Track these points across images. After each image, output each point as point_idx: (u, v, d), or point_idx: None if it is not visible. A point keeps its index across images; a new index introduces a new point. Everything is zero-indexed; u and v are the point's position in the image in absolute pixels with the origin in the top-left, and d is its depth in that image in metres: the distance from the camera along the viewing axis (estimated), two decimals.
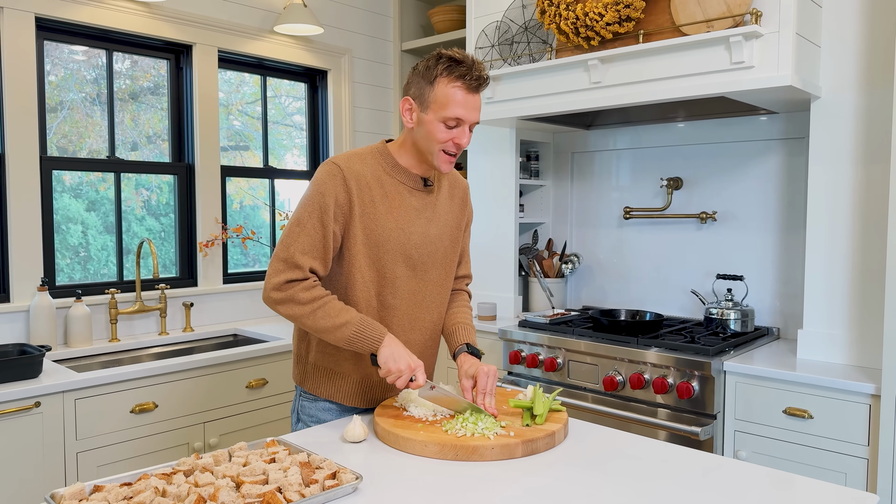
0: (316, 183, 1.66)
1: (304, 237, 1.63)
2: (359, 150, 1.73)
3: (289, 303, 1.62)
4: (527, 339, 2.89)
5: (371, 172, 1.69)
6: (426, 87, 1.63)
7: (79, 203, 2.96)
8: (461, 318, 1.85)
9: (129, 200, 3.11)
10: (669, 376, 2.49)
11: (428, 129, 1.64)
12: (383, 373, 1.59)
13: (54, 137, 2.89)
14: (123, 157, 3.08)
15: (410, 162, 1.73)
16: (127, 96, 3.09)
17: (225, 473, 1.30)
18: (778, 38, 2.22)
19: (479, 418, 1.56)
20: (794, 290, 2.83)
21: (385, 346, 1.59)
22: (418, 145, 1.68)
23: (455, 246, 1.85)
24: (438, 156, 1.66)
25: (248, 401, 2.70)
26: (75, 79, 2.94)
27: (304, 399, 1.80)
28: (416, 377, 1.59)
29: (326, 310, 1.61)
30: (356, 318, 1.61)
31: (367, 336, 1.60)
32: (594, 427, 1.70)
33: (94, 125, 3.00)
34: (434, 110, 1.62)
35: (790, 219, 2.84)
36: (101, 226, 3.03)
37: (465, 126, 1.64)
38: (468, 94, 1.62)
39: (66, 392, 2.23)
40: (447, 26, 3.78)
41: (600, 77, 2.61)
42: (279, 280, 1.62)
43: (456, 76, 1.61)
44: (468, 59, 1.62)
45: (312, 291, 1.62)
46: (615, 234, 3.38)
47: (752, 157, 2.94)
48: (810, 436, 2.25)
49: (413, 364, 1.58)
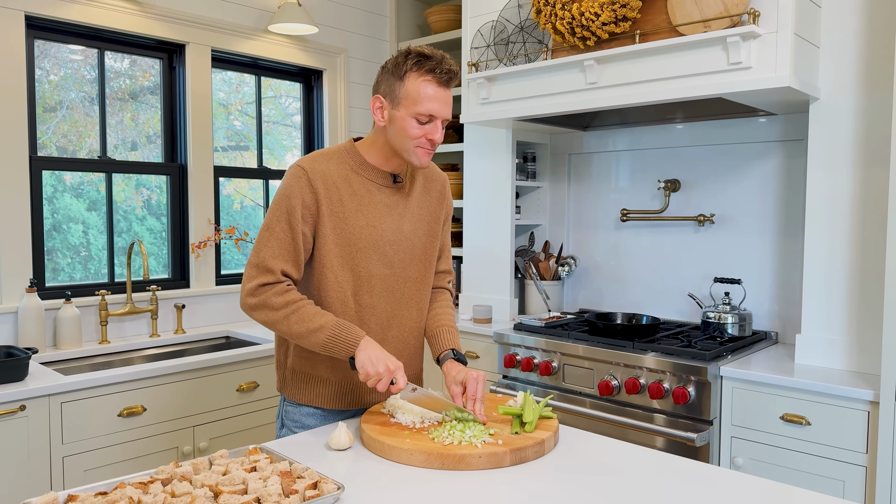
0: (282, 187, 1.65)
1: (274, 241, 1.61)
2: (326, 150, 1.72)
3: (262, 308, 1.60)
4: (522, 342, 2.85)
5: (338, 171, 1.67)
6: (396, 84, 1.62)
7: (80, 203, 2.95)
8: (444, 319, 1.82)
9: (130, 200, 3.09)
10: (665, 381, 2.46)
11: (400, 126, 1.62)
12: (362, 377, 1.56)
13: (53, 137, 2.87)
14: (124, 157, 3.06)
15: (380, 160, 1.71)
16: (127, 96, 3.08)
17: (203, 482, 1.27)
18: (776, 38, 2.18)
19: (466, 426, 1.53)
20: (793, 294, 2.80)
21: (361, 350, 1.56)
22: (392, 143, 1.67)
23: (434, 240, 1.82)
24: (414, 152, 1.64)
25: (238, 404, 2.67)
26: (75, 78, 2.92)
27: (287, 404, 1.76)
28: (397, 380, 1.56)
29: (300, 314, 1.58)
30: (331, 322, 1.58)
31: (342, 340, 1.57)
32: (586, 435, 1.66)
33: (93, 124, 2.98)
34: (406, 106, 1.61)
35: (789, 222, 2.80)
36: (101, 225, 3.02)
37: (437, 121, 1.63)
38: (439, 88, 1.61)
39: (51, 395, 2.20)
40: (444, 26, 3.75)
41: (596, 78, 2.57)
42: (252, 285, 1.60)
43: (426, 70, 1.59)
44: (437, 54, 1.62)
45: (286, 296, 1.60)
46: (612, 237, 3.34)
47: (750, 160, 2.90)
48: (808, 443, 2.22)
49: (392, 366, 1.55)
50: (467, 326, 3.17)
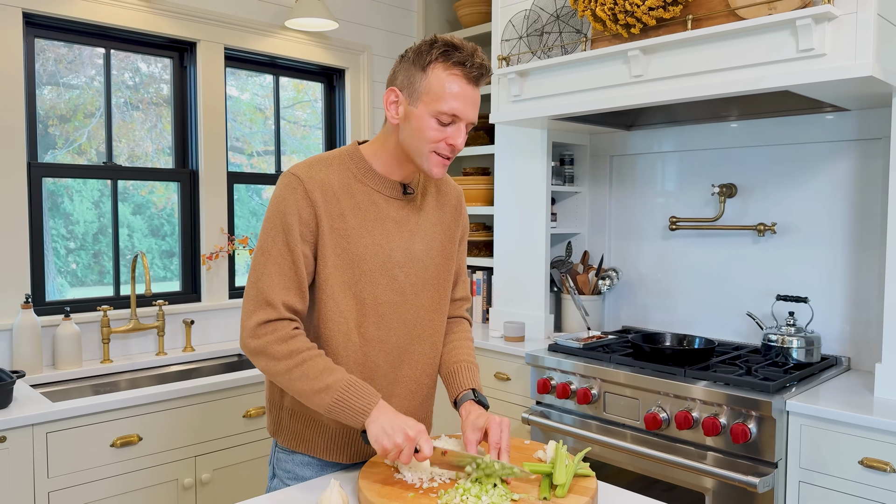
0: (275, 200, 1.40)
1: (272, 267, 1.36)
2: (325, 155, 1.47)
3: (262, 356, 1.35)
4: (558, 365, 2.57)
5: (338, 180, 1.42)
6: (417, 75, 1.36)
7: (125, 206, 2.88)
8: (463, 354, 1.55)
9: (160, 203, 2.98)
10: (722, 415, 2.15)
11: (417, 126, 1.37)
12: (380, 454, 1.30)
13: (93, 142, 2.77)
14: (160, 164, 2.92)
15: (389, 166, 1.45)
16: (163, 101, 2.92)
17: None
18: (855, 19, 1.86)
19: (483, 490, 1.26)
20: (868, 314, 2.45)
21: (374, 421, 1.30)
22: (404, 145, 1.41)
23: (448, 263, 1.55)
24: (429, 158, 1.38)
25: (244, 431, 2.44)
26: (115, 85, 2.82)
27: (280, 451, 1.52)
28: (421, 448, 1.29)
29: (305, 369, 1.33)
30: (340, 383, 1.32)
31: (350, 405, 1.31)
32: (628, 497, 1.38)
33: (128, 130, 2.87)
34: (426, 102, 1.35)
35: (863, 232, 2.46)
36: (146, 229, 2.93)
37: (461, 124, 1.37)
38: (467, 86, 1.36)
39: (35, 425, 2.00)
40: (474, 19, 3.49)
41: (642, 70, 2.28)
42: (251, 323, 1.35)
43: (454, 62, 1.34)
44: (468, 45, 1.36)
45: (290, 343, 1.34)
46: (659, 247, 3.03)
47: (817, 161, 2.56)
48: (892, 493, 1.89)
49: (412, 433, 1.28)
50: (497, 345, 2.89)
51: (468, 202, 3.49)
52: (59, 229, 2.72)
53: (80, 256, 2.78)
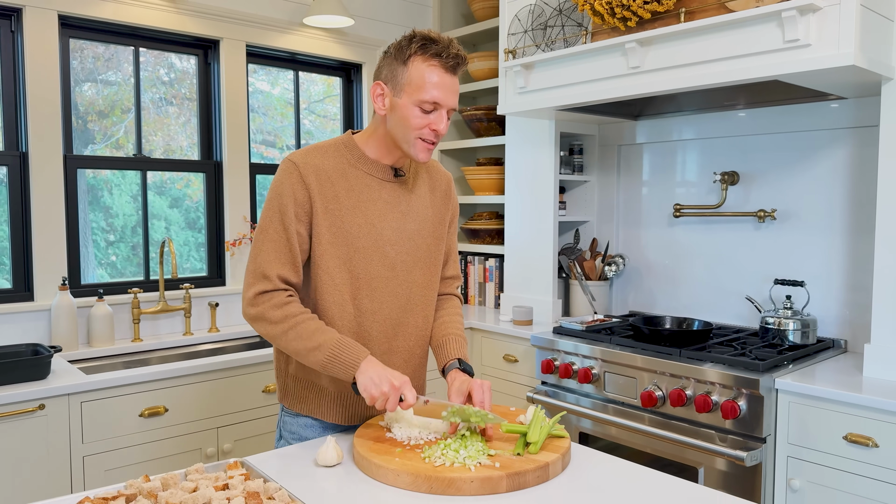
0: (273, 184, 1.55)
1: (269, 244, 1.51)
2: (320, 144, 1.61)
3: (261, 321, 1.50)
4: (561, 346, 2.68)
5: (333, 166, 1.56)
6: (399, 69, 1.50)
7: (162, 200, 3.03)
8: (452, 328, 1.68)
9: (195, 196, 3.15)
10: (714, 393, 2.24)
11: (402, 115, 1.50)
12: (368, 401, 1.44)
13: (130, 136, 2.96)
14: (192, 156, 3.09)
15: (379, 152, 1.59)
16: (196, 97, 3.10)
17: (168, 500, 1.18)
18: (839, 10, 1.93)
19: (463, 444, 1.39)
20: (865, 298, 2.51)
21: (362, 373, 1.44)
22: (392, 133, 1.54)
23: (439, 243, 1.68)
24: (415, 144, 1.51)
25: (263, 405, 2.60)
26: (148, 80, 2.99)
27: (286, 415, 1.66)
28: (405, 396, 1.43)
29: (299, 330, 1.48)
30: (331, 341, 1.47)
31: (341, 361, 1.46)
32: (601, 457, 1.49)
33: (162, 123, 3.04)
34: (408, 93, 1.48)
35: (860, 218, 2.51)
36: (182, 222, 3.09)
37: (442, 111, 1.50)
38: (445, 74, 1.48)
39: (71, 395, 2.19)
40: (488, 13, 3.59)
41: (639, 61, 2.37)
42: (250, 294, 1.51)
43: (431, 55, 1.47)
44: (443, 38, 1.49)
45: (285, 309, 1.49)
46: (664, 234, 3.11)
47: (817, 149, 2.62)
48: (874, 467, 1.96)
49: (397, 383, 1.42)
50: (507, 328, 3.01)
51: (481, 192, 3.60)
52: (98, 222, 2.91)
53: (119, 248, 2.96)
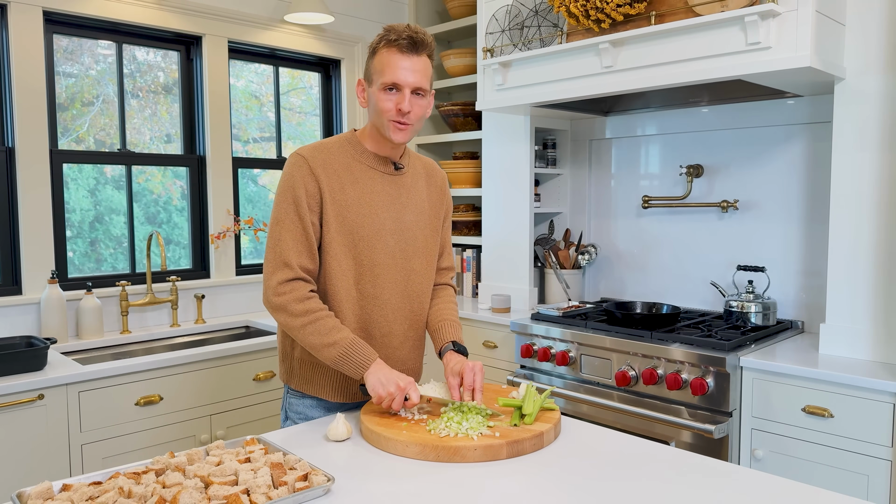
0: (284, 177, 1.66)
1: (286, 234, 1.61)
2: (326, 141, 1.72)
3: (283, 312, 1.60)
4: (539, 332, 2.82)
5: (339, 160, 1.68)
6: (370, 62, 1.66)
7: (121, 195, 3.03)
8: (447, 314, 1.80)
9: (165, 191, 3.16)
10: (684, 372, 2.40)
11: (374, 102, 1.65)
12: (375, 401, 1.56)
13: (92, 130, 2.94)
14: (160, 150, 3.12)
15: (375, 145, 1.72)
16: (160, 89, 3.12)
17: (196, 473, 1.27)
18: (796, 16, 2.09)
19: (464, 417, 1.51)
20: (820, 282, 2.70)
21: (371, 374, 1.56)
22: (373, 123, 1.69)
23: (434, 236, 1.81)
24: (389, 126, 1.64)
25: (255, 393, 2.69)
26: (110, 73, 2.99)
27: (291, 396, 1.76)
28: (410, 396, 1.55)
29: (317, 326, 1.58)
30: (345, 341, 1.58)
31: (352, 360, 1.57)
32: (588, 427, 1.63)
33: (128, 118, 3.05)
34: (375, 81, 1.64)
35: (815, 208, 2.70)
36: (142, 216, 3.10)
37: (405, 90, 1.62)
38: (402, 56, 1.61)
39: (69, 385, 2.24)
40: (462, 11, 3.70)
41: (612, 61, 2.51)
42: (273, 282, 1.61)
43: (390, 41, 1.61)
44: (401, 26, 1.63)
45: (306, 304, 1.59)
46: (634, 224, 3.27)
47: (776, 143, 2.80)
48: (831, 435, 2.14)
49: (402, 384, 1.54)
50: (485, 316, 3.14)
51: (458, 185, 3.72)
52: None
53: (76, 244, 2.92)
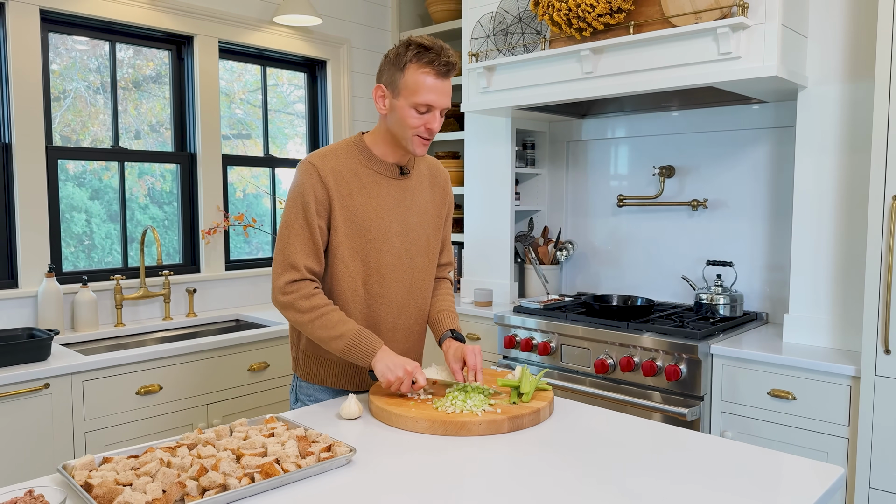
0: (295, 184, 1.74)
1: (295, 238, 1.71)
2: (334, 146, 1.79)
3: (290, 309, 1.70)
4: (522, 324, 2.96)
5: (347, 166, 1.75)
6: (397, 74, 1.69)
7: (82, 192, 3.02)
8: (445, 305, 1.93)
9: (134, 189, 3.18)
10: (658, 359, 2.57)
11: (400, 115, 1.70)
12: (384, 385, 1.66)
13: (58, 126, 2.95)
14: (126, 145, 3.15)
15: (386, 150, 1.79)
16: (130, 85, 3.15)
17: (226, 447, 1.38)
18: (764, 29, 2.27)
19: (468, 396, 1.64)
20: (783, 275, 2.90)
21: (379, 361, 1.66)
22: (392, 131, 1.75)
23: (437, 234, 1.92)
24: (413, 140, 1.73)
25: (249, 383, 2.78)
26: (78, 68, 3.00)
27: (300, 381, 1.87)
28: (417, 380, 1.67)
29: (324, 321, 1.68)
30: (351, 331, 1.68)
31: (360, 349, 1.67)
32: (579, 406, 1.77)
33: (96, 114, 3.07)
34: (405, 96, 1.68)
35: (779, 206, 2.90)
36: (104, 214, 3.09)
37: (435, 111, 1.71)
38: (437, 80, 1.68)
39: (73, 374, 2.32)
40: (444, 16, 3.83)
41: (592, 67, 2.66)
42: (281, 283, 1.70)
43: (425, 62, 1.66)
44: (436, 45, 1.68)
45: (312, 300, 1.69)
46: (609, 222, 3.44)
47: (743, 146, 2.99)
48: (794, 416, 2.33)
49: (410, 368, 1.66)
50: (468, 309, 3.28)
51: None
52: None
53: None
